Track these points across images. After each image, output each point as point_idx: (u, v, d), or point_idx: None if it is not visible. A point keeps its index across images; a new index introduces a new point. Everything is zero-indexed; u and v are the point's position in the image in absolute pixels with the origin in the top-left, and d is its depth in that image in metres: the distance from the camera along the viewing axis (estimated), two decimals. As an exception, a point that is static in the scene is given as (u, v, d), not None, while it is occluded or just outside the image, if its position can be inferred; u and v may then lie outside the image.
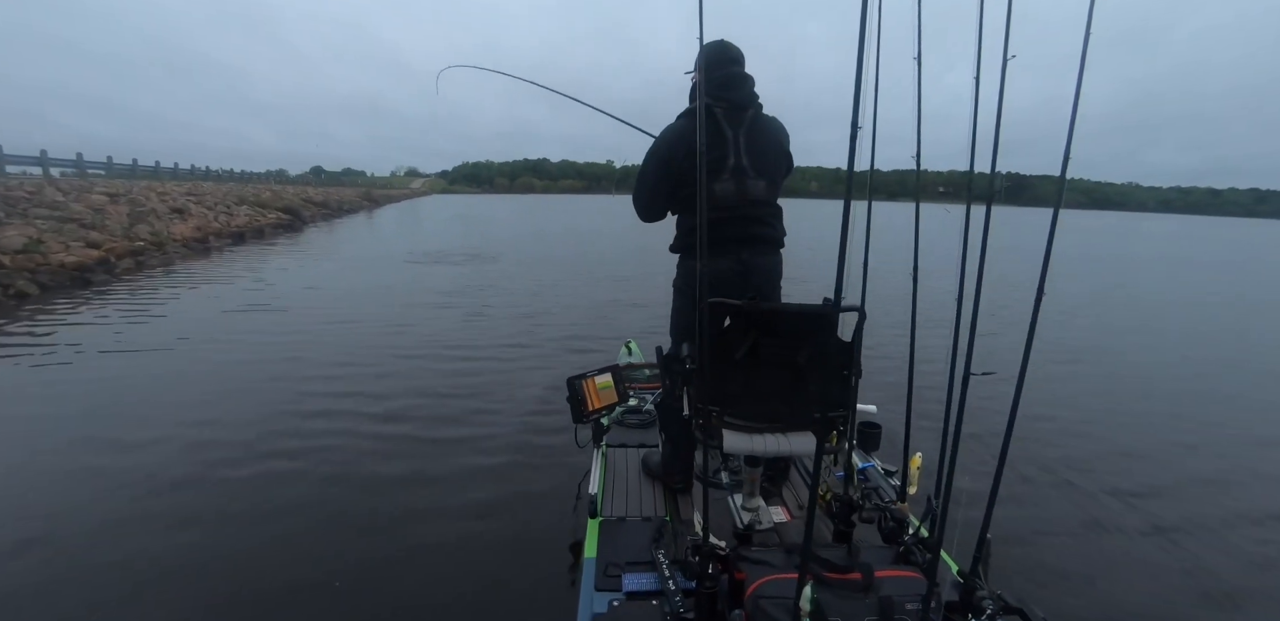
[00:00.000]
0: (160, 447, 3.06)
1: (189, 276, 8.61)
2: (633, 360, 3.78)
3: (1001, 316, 4.96)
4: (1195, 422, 3.87)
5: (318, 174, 57.90)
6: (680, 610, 1.39)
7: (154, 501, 2.57)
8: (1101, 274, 11.82)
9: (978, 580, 1.18)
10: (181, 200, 14.27)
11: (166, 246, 10.60)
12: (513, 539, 2.34)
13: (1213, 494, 2.89)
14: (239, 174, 31.86)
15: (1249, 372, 5.19)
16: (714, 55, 1.82)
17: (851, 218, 0.89)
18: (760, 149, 1.85)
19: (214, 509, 2.52)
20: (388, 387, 4.04)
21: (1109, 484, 2.92)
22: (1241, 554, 2.37)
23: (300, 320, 6.07)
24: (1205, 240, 29.81)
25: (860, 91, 0.83)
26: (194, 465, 2.88)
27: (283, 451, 3.05)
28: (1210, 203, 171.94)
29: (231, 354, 4.78)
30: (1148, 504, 2.74)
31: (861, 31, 0.81)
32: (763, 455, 1.59)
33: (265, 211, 17.78)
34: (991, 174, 1.12)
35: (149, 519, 2.42)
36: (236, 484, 2.72)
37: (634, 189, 1.97)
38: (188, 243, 11.55)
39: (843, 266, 0.94)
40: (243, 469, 2.85)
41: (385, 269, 10.03)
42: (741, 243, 1.84)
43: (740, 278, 1.82)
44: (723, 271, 1.78)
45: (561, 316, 6.52)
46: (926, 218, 1.59)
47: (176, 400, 3.76)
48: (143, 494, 2.62)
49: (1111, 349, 5.79)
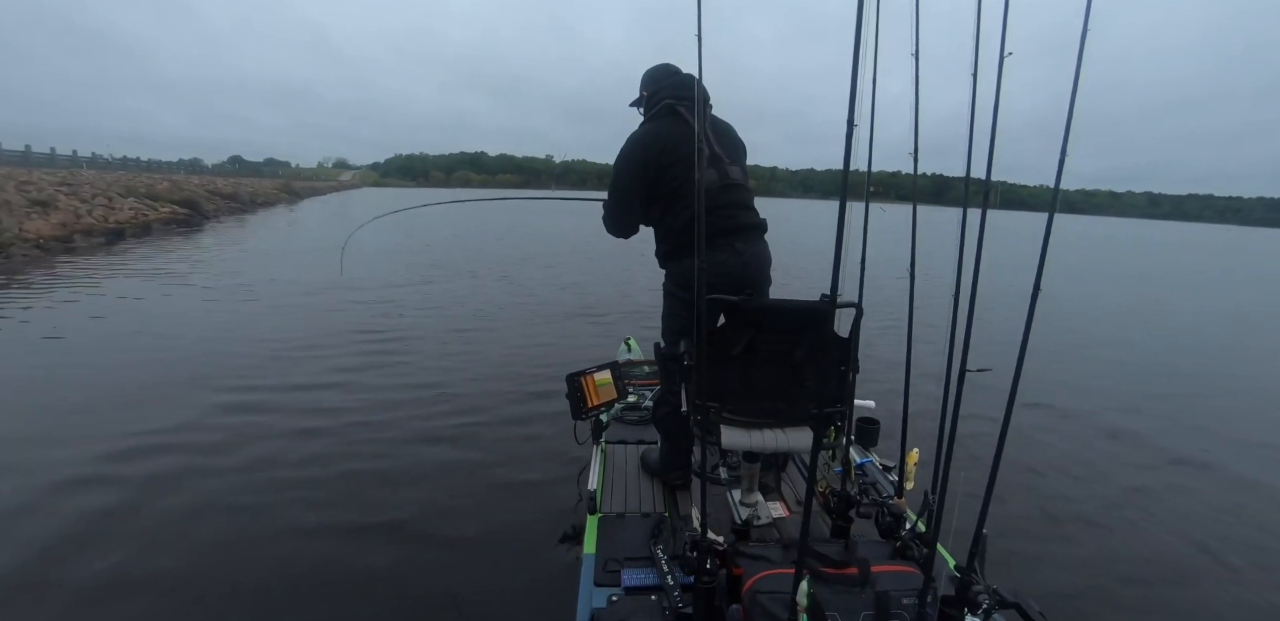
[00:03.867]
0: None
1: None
2: (632, 357, 3.79)
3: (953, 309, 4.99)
4: (1196, 409, 3.89)
5: (235, 164, 54.89)
6: (679, 605, 1.40)
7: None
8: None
9: (974, 575, 1.19)
10: (50, 191, 12.13)
11: (11, 248, 8.71)
12: (512, 535, 2.36)
13: (1215, 489, 2.91)
14: (145, 163, 29.10)
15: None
16: (658, 71, 1.99)
17: (847, 219, 0.89)
18: (725, 137, 1.94)
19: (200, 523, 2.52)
20: (388, 386, 4.05)
21: (1107, 479, 2.94)
22: (1243, 550, 2.38)
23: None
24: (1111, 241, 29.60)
25: (856, 91, 0.83)
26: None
27: (278, 447, 3.06)
28: (1111, 204, 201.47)
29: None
30: (1147, 499, 2.76)
31: (857, 34, 0.81)
32: (760, 451, 1.60)
33: (157, 205, 15.37)
34: (986, 176, 1.13)
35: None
36: (227, 484, 2.73)
37: (606, 204, 1.98)
38: (45, 242, 9.51)
39: (839, 263, 0.95)
40: (239, 467, 2.86)
41: (275, 298, 6.85)
42: (733, 233, 1.85)
43: (740, 270, 1.82)
44: (722, 265, 1.78)
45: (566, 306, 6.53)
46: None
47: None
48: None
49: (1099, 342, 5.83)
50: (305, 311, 6.25)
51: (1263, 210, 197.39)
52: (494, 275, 9.07)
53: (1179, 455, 3.30)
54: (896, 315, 3.94)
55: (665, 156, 1.82)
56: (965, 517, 1.23)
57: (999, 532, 1.59)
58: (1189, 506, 2.71)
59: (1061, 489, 2.83)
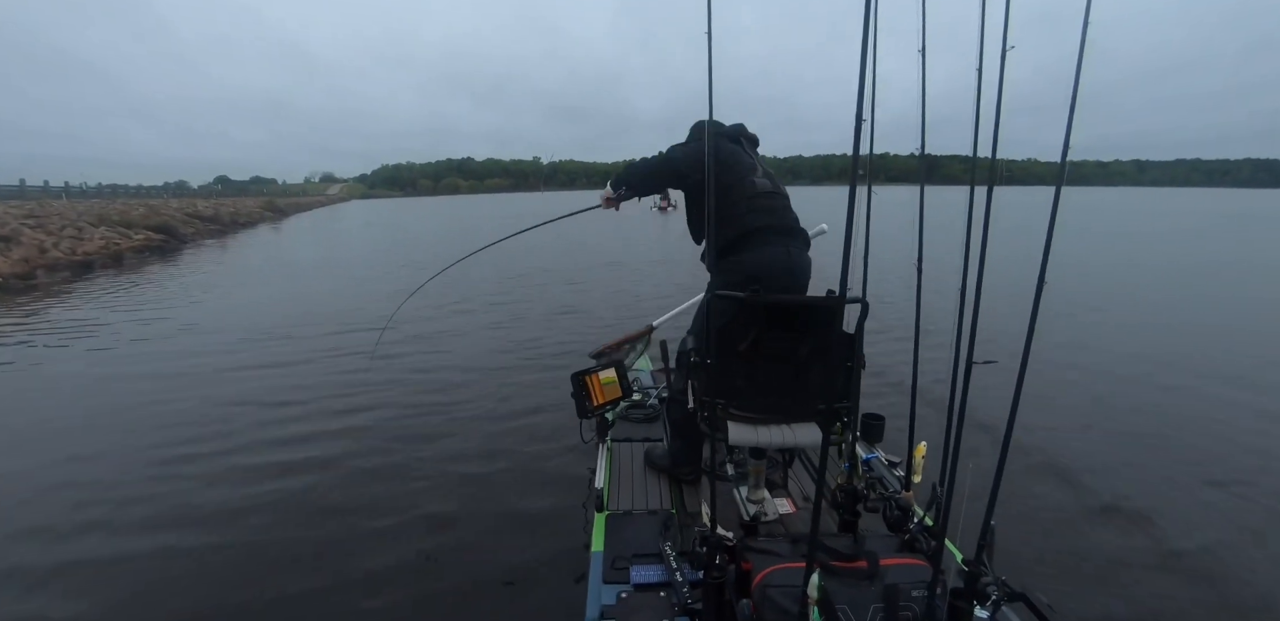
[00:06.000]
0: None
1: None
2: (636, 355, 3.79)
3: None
4: (1203, 404, 3.87)
5: (221, 184, 53.42)
6: (688, 601, 1.40)
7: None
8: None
9: (982, 567, 1.19)
10: (14, 224, 11.49)
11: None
12: (520, 533, 2.36)
13: (1222, 482, 2.89)
14: (133, 189, 28.64)
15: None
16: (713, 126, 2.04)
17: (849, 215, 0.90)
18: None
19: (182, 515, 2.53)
20: (382, 387, 4.06)
21: (1114, 471, 2.93)
22: (1247, 547, 2.37)
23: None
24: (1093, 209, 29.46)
25: (864, 83, 0.83)
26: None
27: (284, 450, 3.07)
28: (1099, 174, 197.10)
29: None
30: (1154, 492, 2.75)
31: (865, 24, 0.82)
32: (767, 447, 1.60)
33: (130, 232, 14.49)
34: (992, 160, 1.13)
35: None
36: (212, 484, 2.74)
37: (643, 170, 2.01)
38: (5, 281, 8.67)
39: (848, 257, 0.95)
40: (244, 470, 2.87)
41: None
42: (787, 234, 1.90)
43: (787, 275, 1.85)
44: (771, 259, 1.82)
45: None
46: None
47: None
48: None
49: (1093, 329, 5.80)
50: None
51: (1250, 170, 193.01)
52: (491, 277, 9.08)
53: (1199, 443, 3.26)
54: (903, 308, 3.91)
55: (724, 156, 1.87)
56: (972, 510, 1.23)
57: (1007, 525, 1.59)
58: (1208, 497, 2.69)
59: (1070, 480, 2.82)
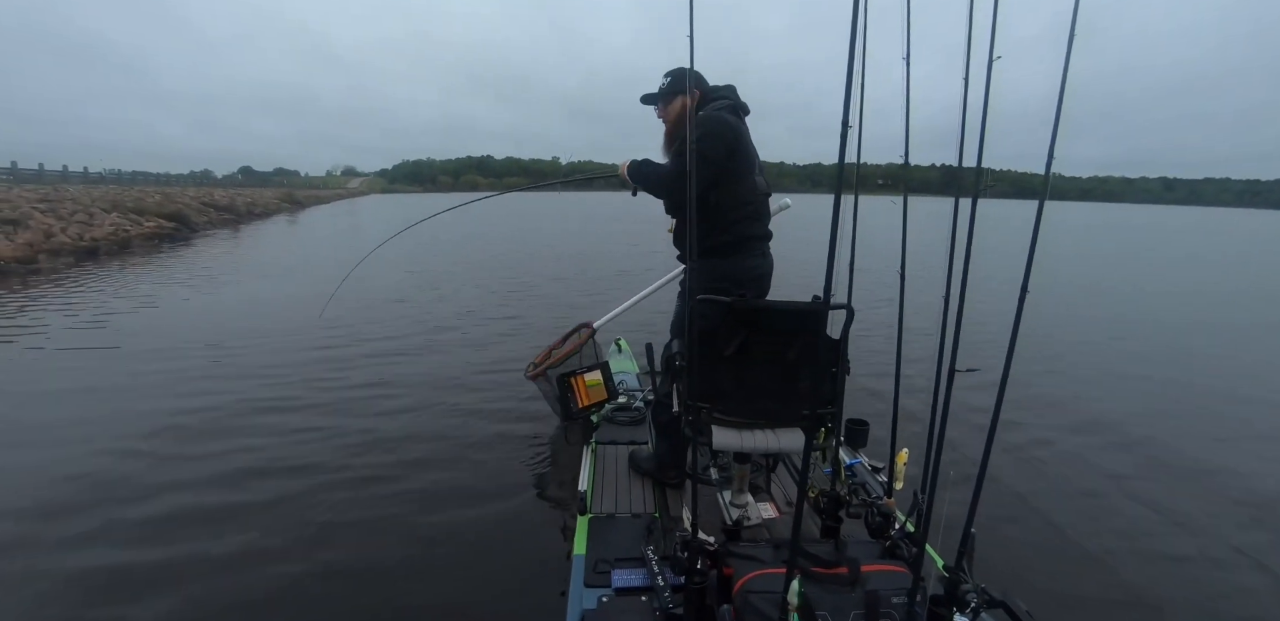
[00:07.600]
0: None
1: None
2: (623, 358, 3.79)
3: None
4: (1190, 410, 3.93)
5: (245, 174, 52.92)
6: (669, 606, 1.40)
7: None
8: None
9: (962, 574, 1.20)
10: (25, 208, 11.60)
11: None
12: (502, 536, 2.34)
13: (1205, 486, 2.93)
14: (155, 176, 28.91)
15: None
16: (697, 74, 1.93)
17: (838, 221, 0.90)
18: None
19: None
20: (374, 394, 4.02)
21: (1095, 478, 2.97)
22: (1229, 547, 2.41)
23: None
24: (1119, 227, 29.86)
25: (850, 89, 0.84)
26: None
27: (256, 447, 3.02)
28: (1125, 190, 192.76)
29: None
30: (1136, 497, 2.78)
31: (852, 32, 0.82)
32: (752, 451, 1.60)
33: (141, 219, 14.43)
34: (978, 170, 1.14)
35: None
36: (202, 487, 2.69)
37: (667, 174, 1.88)
38: (5, 264, 8.66)
39: (832, 264, 0.95)
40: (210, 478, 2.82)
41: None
42: (767, 239, 1.93)
43: (765, 277, 1.87)
44: (753, 268, 1.83)
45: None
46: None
47: None
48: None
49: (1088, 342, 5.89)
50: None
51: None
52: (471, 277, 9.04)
53: (1176, 454, 3.31)
54: (886, 311, 3.97)
55: (731, 160, 1.83)
56: (954, 517, 1.24)
57: (987, 532, 1.60)
58: (1186, 506, 2.73)
59: (1051, 488, 2.85)
